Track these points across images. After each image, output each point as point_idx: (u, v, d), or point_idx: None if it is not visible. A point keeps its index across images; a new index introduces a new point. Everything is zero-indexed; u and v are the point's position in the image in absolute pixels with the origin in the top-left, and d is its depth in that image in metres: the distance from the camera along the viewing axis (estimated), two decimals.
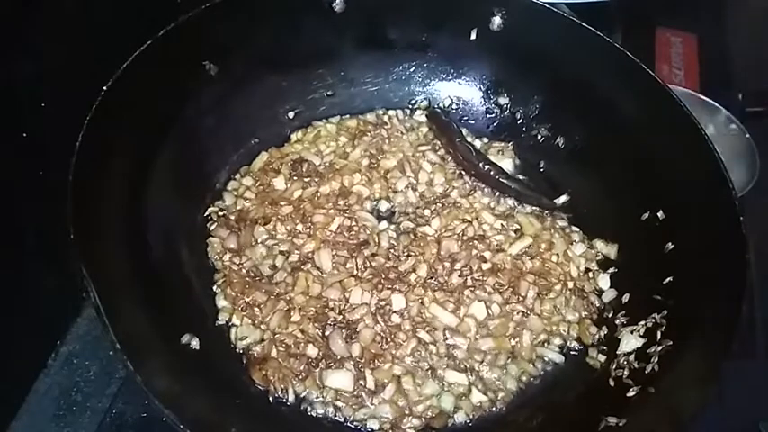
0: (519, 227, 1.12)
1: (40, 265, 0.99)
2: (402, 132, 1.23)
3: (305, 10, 1.14)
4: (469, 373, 0.95)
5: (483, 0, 1.15)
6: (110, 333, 0.73)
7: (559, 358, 0.99)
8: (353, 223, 1.07)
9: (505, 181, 1.15)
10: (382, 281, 1.01)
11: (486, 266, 1.04)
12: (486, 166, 1.15)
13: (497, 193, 1.16)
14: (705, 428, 0.99)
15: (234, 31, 1.09)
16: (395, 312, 0.98)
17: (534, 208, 1.15)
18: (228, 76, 1.10)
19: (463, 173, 1.18)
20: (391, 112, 1.26)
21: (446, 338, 0.98)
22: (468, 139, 1.21)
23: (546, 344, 1.00)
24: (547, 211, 1.15)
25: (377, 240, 1.06)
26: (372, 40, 1.21)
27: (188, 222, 1.06)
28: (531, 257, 1.08)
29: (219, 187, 1.12)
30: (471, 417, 0.93)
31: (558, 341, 1.01)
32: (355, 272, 1.02)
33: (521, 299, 1.03)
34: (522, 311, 1.02)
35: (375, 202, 1.13)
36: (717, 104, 1.34)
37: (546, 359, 0.99)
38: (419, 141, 1.22)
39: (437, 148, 1.21)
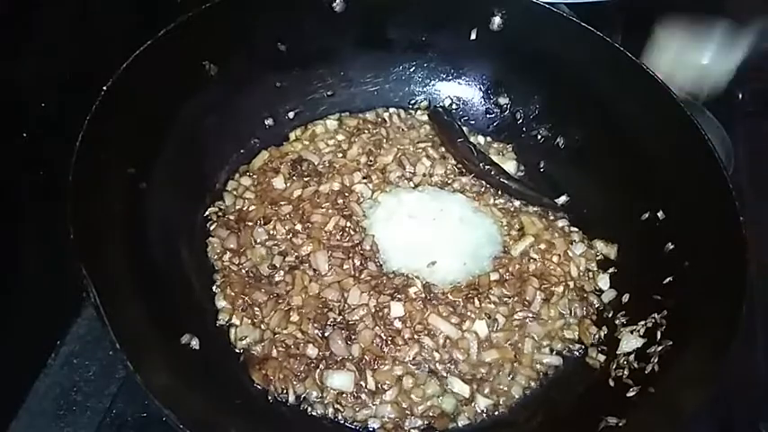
0: (521, 226, 1.12)
1: (39, 265, 1.00)
2: (403, 130, 1.23)
3: (305, 10, 1.14)
4: (474, 384, 0.95)
5: (483, 0, 1.16)
6: (110, 333, 0.74)
7: (559, 361, 1.00)
8: (348, 224, 1.07)
9: (506, 181, 1.15)
10: (380, 285, 1.01)
11: (494, 277, 1.04)
12: (487, 167, 1.15)
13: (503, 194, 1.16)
14: (705, 428, 0.99)
15: (234, 31, 1.09)
16: (396, 318, 0.98)
17: (536, 208, 1.15)
18: (228, 76, 1.10)
19: (464, 171, 1.18)
20: (392, 110, 1.26)
21: (446, 348, 0.97)
22: (471, 139, 1.21)
23: (548, 348, 1.00)
24: (548, 211, 1.15)
25: (369, 245, 1.06)
26: (372, 40, 1.21)
27: (188, 222, 1.06)
28: (532, 259, 1.08)
29: (219, 187, 1.12)
30: (473, 420, 0.93)
31: (558, 345, 1.01)
32: (353, 272, 1.02)
33: (526, 304, 1.02)
34: (529, 317, 1.01)
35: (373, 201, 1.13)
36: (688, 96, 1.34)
37: (547, 362, 0.99)
38: (419, 138, 1.23)
39: (438, 145, 1.21)
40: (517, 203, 1.16)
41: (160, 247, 0.96)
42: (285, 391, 0.92)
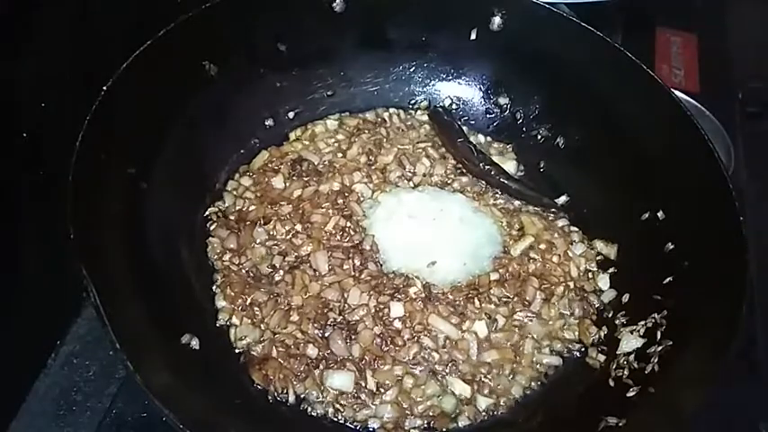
0: (521, 226, 1.12)
1: (39, 265, 0.99)
2: (403, 130, 1.23)
3: (305, 10, 1.14)
4: (474, 384, 0.95)
5: (483, 0, 1.16)
6: (110, 333, 0.73)
7: (559, 361, 0.99)
8: (348, 224, 1.07)
9: (506, 181, 1.15)
10: (380, 285, 1.01)
11: (494, 277, 1.04)
12: (487, 167, 1.15)
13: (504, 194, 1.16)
14: (705, 428, 0.99)
15: (234, 31, 1.09)
16: (396, 318, 0.98)
17: (536, 208, 1.15)
18: (228, 76, 1.10)
19: (464, 171, 1.18)
20: (392, 110, 1.26)
21: (446, 349, 0.97)
22: (471, 139, 1.21)
23: (548, 349, 1.00)
24: (548, 211, 1.15)
25: (369, 245, 1.05)
26: (372, 40, 1.21)
27: (188, 222, 1.06)
28: (532, 259, 1.08)
29: (219, 187, 1.12)
30: (473, 420, 0.93)
31: (558, 345, 1.01)
32: (353, 272, 1.02)
33: (526, 304, 1.02)
34: (529, 317, 1.01)
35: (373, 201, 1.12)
36: (687, 96, 1.34)
37: (547, 362, 0.99)
38: (419, 138, 1.22)
39: (438, 146, 1.21)
40: (517, 203, 1.16)
41: (160, 247, 0.96)
42: (285, 391, 0.92)
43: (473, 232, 1.10)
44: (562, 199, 1.16)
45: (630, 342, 0.96)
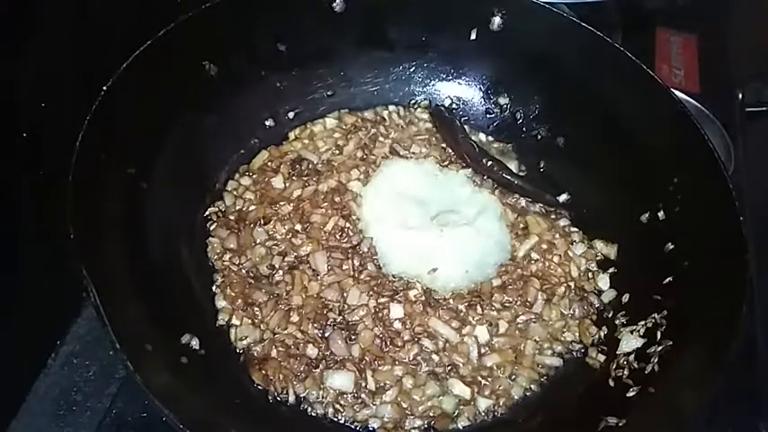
0: (525, 225, 1.12)
1: (39, 265, 0.99)
2: (402, 127, 1.23)
3: (305, 10, 1.14)
4: (475, 386, 0.95)
5: (483, 0, 1.16)
6: (110, 333, 0.74)
7: (559, 362, 0.99)
8: (347, 224, 1.06)
9: (509, 177, 1.15)
10: (379, 286, 1.01)
11: (496, 283, 1.04)
12: (489, 162, 1.15)
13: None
14: (705, 429, 0.99)
15: (234, 31, 1.09)
16: (396, 319, 0.98)
17: (539, 208, 1.15)
18: (228, 76, 1.10)
19: (465, 167, 1.18)
20: (391, 108, 1.26)
21: (446, 352, 0.97)
22: (471, 137, 1.21)
23: (549, 350, 1.00)
24: (550, 209, 1.15)
25: (368, 247, 1.05)
26: (372, 40, 1.21)
27: (188, 222, 1.06)
28: (534, 260, 1.08)
29: (219, 187, 1.12)
30: (473, 420, 0.93)
31: (559, 347, 1.00)
32: (352, 273, 1.02)
33: (528, 305, 1.02)
34: (531, 319, 1.01)
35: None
36: (687, 96, 1.34)
37: (547, 363, 0.99)
38: (419, 134, 1.22)
39: (438, 140, 1.21)
40: (523, 202, 1.16)
41: (160, 247, 0.96)
42: (285, 391, 0.92)
43: (483, 240, 1.08)
44: (562, 198, 1.16)
45: (630, 342, 0.96)
